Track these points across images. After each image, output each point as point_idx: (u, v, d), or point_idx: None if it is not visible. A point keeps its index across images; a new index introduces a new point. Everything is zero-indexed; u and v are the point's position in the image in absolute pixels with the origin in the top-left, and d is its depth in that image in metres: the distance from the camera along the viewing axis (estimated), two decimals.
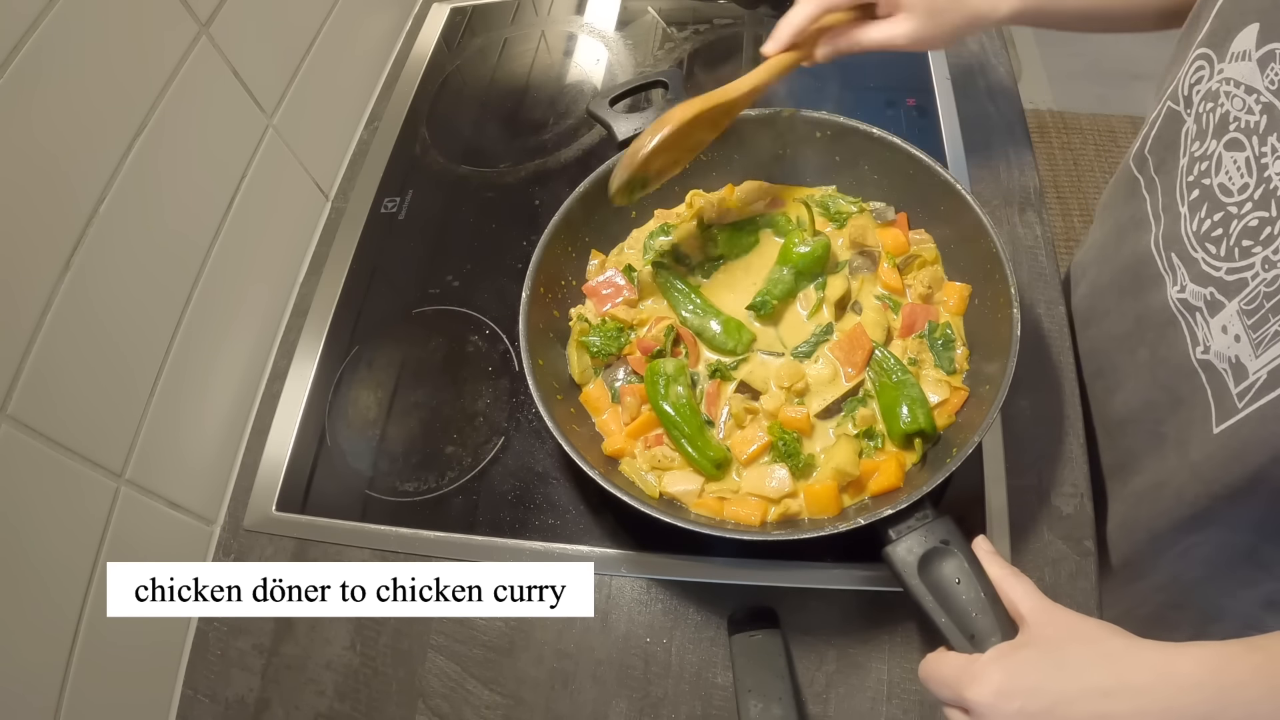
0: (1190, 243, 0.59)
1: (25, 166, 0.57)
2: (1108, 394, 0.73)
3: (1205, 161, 0.58)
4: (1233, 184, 0.55)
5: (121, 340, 0.67)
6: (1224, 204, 0.56)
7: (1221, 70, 0.56)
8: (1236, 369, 0.55)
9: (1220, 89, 0.56)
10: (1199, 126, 0.59)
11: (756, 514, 0.64)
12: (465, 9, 1.17)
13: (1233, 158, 0.54)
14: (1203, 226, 0.58)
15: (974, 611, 0.53)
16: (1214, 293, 0.57)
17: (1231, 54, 0.54)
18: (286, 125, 0.87)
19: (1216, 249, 0.56)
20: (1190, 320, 0.60)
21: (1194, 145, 0.59)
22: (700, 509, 0.66)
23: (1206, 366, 0.58)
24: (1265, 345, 0.52)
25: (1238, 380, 0.55)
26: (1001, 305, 0.66)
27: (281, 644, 0.72)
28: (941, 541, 0.56)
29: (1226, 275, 0.55)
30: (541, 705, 0.67)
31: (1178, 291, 0.61)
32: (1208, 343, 0.58)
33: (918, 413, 0.65)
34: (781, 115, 0.78)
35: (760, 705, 0.58)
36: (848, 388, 0.70)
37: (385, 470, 0.78)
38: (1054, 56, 2.51)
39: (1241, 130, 0.53)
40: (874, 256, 0.76)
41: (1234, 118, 0.54)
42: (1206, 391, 0.58)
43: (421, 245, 0.92)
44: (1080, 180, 2.27)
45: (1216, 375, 0.57)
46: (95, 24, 0.62)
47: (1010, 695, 0.45)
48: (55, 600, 0.61)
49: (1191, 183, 0.59)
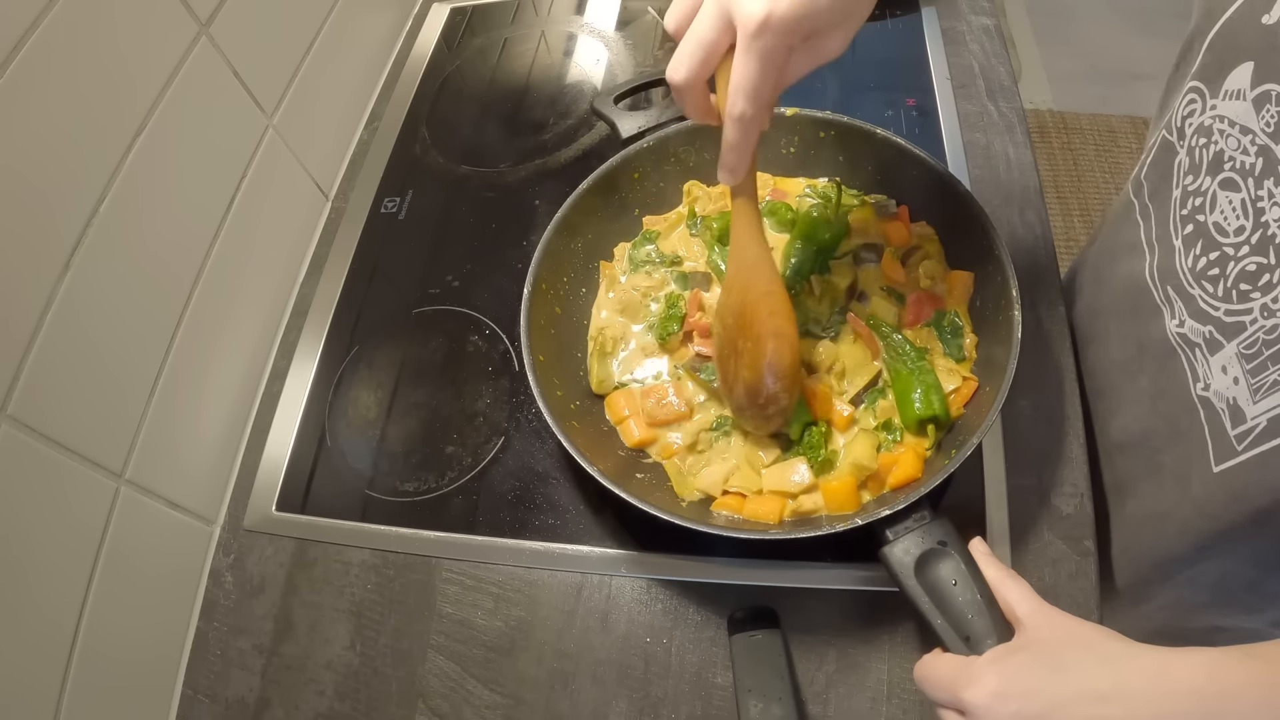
0: (1186, 278, 0.58)
1: (25, 166, 0.57)
2: (1108, 415, 0.72)
3: (1199, 197, 0.56)
4: (1228, 225, 0.53)
5: (121, 340, 0.67)
6: (1220, 244, 0.54)
7: (1214, 106, 0.54)
8: (1234, 412, 0.54)
9: (1214, 125, 0.55)
10: (1191, 160, 0.58)
11: (775, 512, 0.64)
12: (465, 9, 1.17)
13: (1228, 198, 0.53)
14: (1198, 264, 0.57)
15: (970, 613, 0.53)
16: (1213, 331, 0.56)
17: (1225, 91, 0.53)
18: (286, 125, 0.87)
19: (1214, 288, 0.55)
20: (1190, 355, 0.59)
21: (1187, 179, 0.58)
22: (721, 507, 0.66)
23: (1206, 403, 0.57)
24: (1264, 393, 0.51)
25: (1235, 423, 0.54)
26: (1003, 307, 0.66)
27: (281, 644, 0.72)
28: (938, 543, 0.56)
29: (1225, 316, 0.54)
30: (541, 705, 0.67)
31: (1176, 325, 0.60)
32: (1208, 380, 0.57)
33: (932, 398, 0.65)
34: (785, 115, 0.78)
35: (760, 705, 0.58)
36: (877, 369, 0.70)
37: (385, 470, 0.78)
38: (1054, 56, 2.51)
39: (1237, 171, 0.52)
40: (878, 249, 0.76)
41: (1229, 157, 0.53)
42: (1204, 429, 0.57)
43: (421, 245, 0.92)
44: (1080, 180, 2.27)
45: (1215, 414, 0.56)
46: (95, 24, 0.62)
47: (1006, 698, 0.45)
48: (55, 600, 0.61)
49: (1185, 217, 0.58)
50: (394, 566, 0.74)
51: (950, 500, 0.69)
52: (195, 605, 0.75)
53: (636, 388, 0.74)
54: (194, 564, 0.76)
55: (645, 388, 0.73)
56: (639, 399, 0.72)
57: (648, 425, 0.71)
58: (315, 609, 0.73)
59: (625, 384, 0.74)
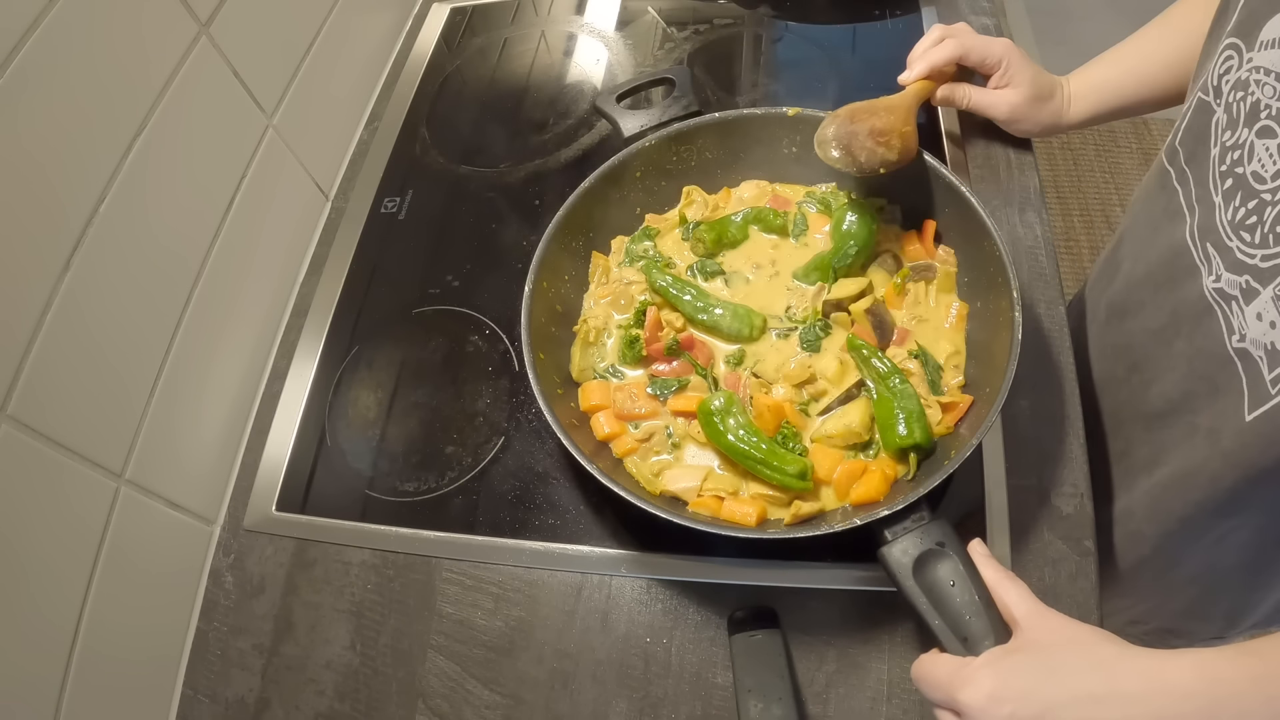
0: (1225, 232, 0.59)
1: (25, 166, 0.57)
2: (1145, 387, 0.72)
3: (1237, 150, 0.58)
4: (1265, 171, 0.54)
5: (121, 340, 0.67)
6: (1258, 191, 0.55)
7: (1250, 59, 0.56)
8: (1271, 355, 0.54)
9: (1250, 78, 0.56)
10: (1229, 116, 0.59)
11: (754, 513, 0.64)
12: (465, 9, 1.17)
13: (1265, 145, 0.54)
14: (1237, 215, 0.57)
15: (968, 615, 0.53)
16: (1249, 280, 0.56)
17: (1261, 42, 0.54)
18: (286, 125, 0.87)
19: (1251, 236, 0.56)
20: (1226, 309, 0.59)
21: (1225, 135, 0.59)
22: (698, 508, 0.66)
23: (1242, 354, 0.58)
24: None
25: (1272, 366, 0.54)
26: (1004, 308, 0.66)
27: (281, 644, 0.72)
28: (937, 544, 0.56)
29: (1261, 262, 0.55)
30: (541, 705, 0.67)
31: (1213, 281, 0.60)
32: (1243, 330, 0.57)
33: (914, 427, 0.64)
34: (787, 115, 0.78)
35: (760, 705, 0.58)
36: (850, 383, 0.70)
37: (385, 470, 0.78)
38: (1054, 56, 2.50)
39: (1273, 118, 0.53)
40: (900, 261, 0.76)
41: (1264, 105, 0.54)
42: (1242, 379, 0.58)
43: (421, 245, 0.92)
44: (1080, 180, 2.27)
45: (1252, 362, 0.57)
46: (95, 24, 0.62)
47: (1002, 699, 0.45)
48: (56, 599, 0.61)
49: (1224, 172, 0.59)
50: (394, 566, 0.74)
51: (950, 500, 0.69)
52: (195, 605, 0.75)
53: (614, 381, 0.74)
54: (194, 564, 0.76)
55: (620, 382, 0.73)
56: (612, 391, 0.72)
57: (615, 418, 0.71)
58: (315, 609, 0.73)
59: (604, 376, 0.74)
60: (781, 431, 0.67)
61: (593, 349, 0.75)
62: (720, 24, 1.10)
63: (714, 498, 0.66)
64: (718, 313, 0.73)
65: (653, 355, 0.73)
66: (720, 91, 1.01)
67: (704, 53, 1.06)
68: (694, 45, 1.07)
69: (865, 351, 0.70)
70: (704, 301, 0.74)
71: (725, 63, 1.05)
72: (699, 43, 1.08)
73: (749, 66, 1.04)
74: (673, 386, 0.72)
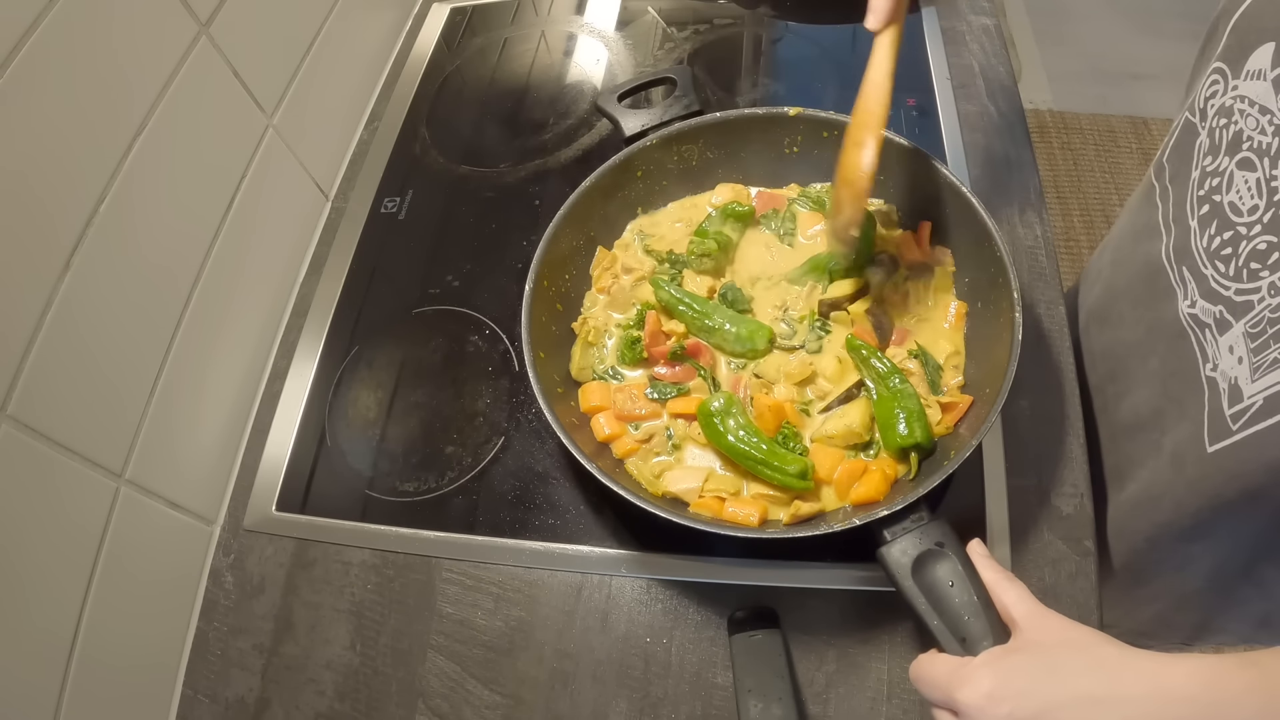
0: (1200, 258, 0.59)
1: (25, 166, 0.57)
2: (1119, 398, 0.72)
3: (1216, 177, 0.57)
4: (1243, 204, 0.54)
5: (121, 340, 0.67)
6: (1233, 223, 0.55)
7: (1236, 87, 0.55)
8: (1233, 391, 0.54)
9: (1234, 105, 0.56)
10: (1211, 141, 0.58)
11: (757, 514, 0.64)
12: (465, 9, 1.17)
13: (1244, 177, 0.54)
14: (1212, 243, 0.57)
15: (966, 615, 0.53)
16: (1223, 311, 0.56)
17: (1246, 72, 0.54)
18: (286, 125, 0.87)
19: (1225, 267, 0.56)
20: (1201, 336, 0.59)
21: (1206, 159, 0.59)
22: (700, 509, 0.66)
23: (1212, 384, 0.58)
24: (1263, 371, 0.52)
25: (1232, 402, 0.54)
26: (1004, 309, 0.66)
27: (281, 644, 0.72)
28: (936, 544, 0.56)
29: (1235, 295, 0.55)
30: (541, 705, 0.67)
31: (1189, 306, 0.60)
32: (1216, 361, 0.57)
33: (915, 426, 0.65)
34: (788, 114, 0.78)
35: (760, 705, 0.58)
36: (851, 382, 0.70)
37: (385, 470, 0.78)
38: (1054, 56, 2.51)
39: (1254, 151, 0.53)
40: (892, 263, 0.76)
41: (1247, 136, 0.54)
42: (1205, 409, 0.58)
43: (421, 245, 0.92)
44: (1080, 180, 2.27)
45: (1216, 394, 0.57)
46: (95, 24, 0.62)
47: (1000, 699, 0.45)
48: (56, 599, 0.61)
49: (1202, 197, 0.59)
50: (394, 566, 0.74)
51: (950, 500, 0.69)
52: (195, 605, 0.75)
53: (613, 382, 0.74)
54: (194, 564, 0.76)
55: (621, 384, 0.73)
56: (612, 392, 0.72)
57: (616, 419, 0.71)
58: (315, 609, 0.73)
59: (603, 377, 0.74)
60: (782, 431, 0.67)
61: (593, 349, 0.75)
62: (720, 24, 1.10)
63: (716, 499, 0.66)
64: (727, 329, 0.73)
65: (653, 357, 0.73)
66: (720, 91, 1.01)
67: (704, 53, 1.06)
68: (694, 45, 1.07)
69: (865, 351, 0.70)
70: (713, 320, 0.73)
71: (725, 63, 1.05)
72: (699, 43, 1.08)
73: (749, 66, 1.04)
74: (671, 392, 0.72)
